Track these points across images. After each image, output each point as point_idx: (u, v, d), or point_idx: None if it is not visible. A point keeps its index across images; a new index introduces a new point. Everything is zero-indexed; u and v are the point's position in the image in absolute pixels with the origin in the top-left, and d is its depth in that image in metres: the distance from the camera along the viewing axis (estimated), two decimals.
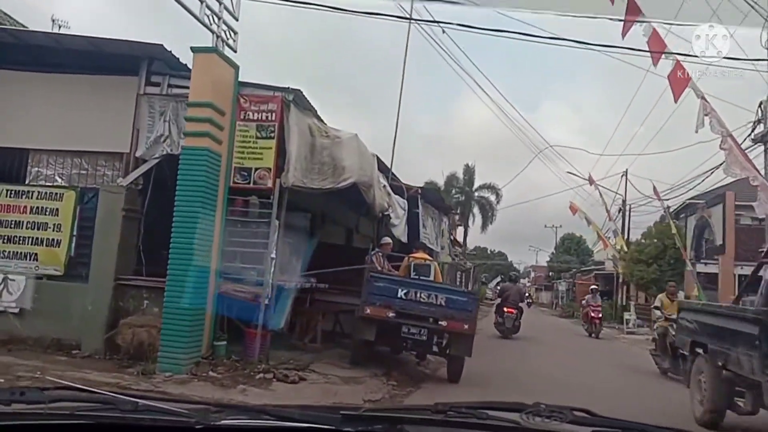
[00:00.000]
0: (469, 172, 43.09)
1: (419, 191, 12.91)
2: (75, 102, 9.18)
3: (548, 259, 64.99)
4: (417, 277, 9.61)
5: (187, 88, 8.54)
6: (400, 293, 8.49)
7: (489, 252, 73.94)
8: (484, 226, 43.56)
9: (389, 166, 12.03)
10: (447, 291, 8.73)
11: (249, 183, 8.53)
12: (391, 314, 8.38)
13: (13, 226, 8.93)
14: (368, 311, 8.42)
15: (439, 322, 8.40)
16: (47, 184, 9.13)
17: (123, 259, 8.65)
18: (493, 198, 43.36)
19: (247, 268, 8.68)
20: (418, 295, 8.47)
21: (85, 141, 9.10)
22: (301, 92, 8.72)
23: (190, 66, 8.38)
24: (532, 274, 76.79)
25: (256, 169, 8.51)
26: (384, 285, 8.60)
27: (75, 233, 8.81)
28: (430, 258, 11.16)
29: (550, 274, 61.61)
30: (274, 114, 8.59)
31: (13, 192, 9.00)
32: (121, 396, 1.72)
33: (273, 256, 8.46)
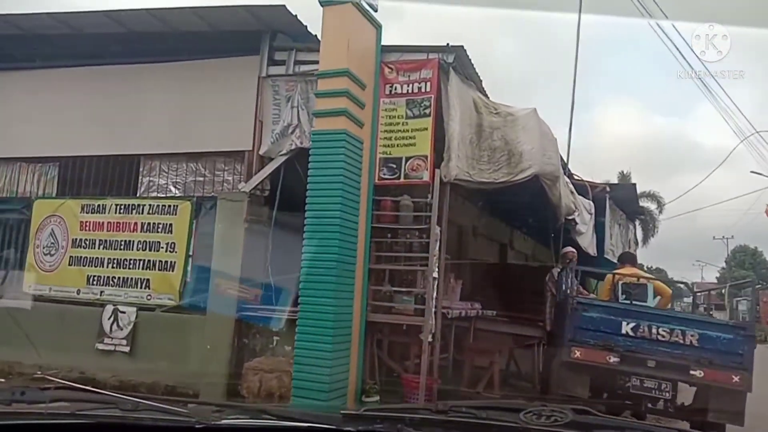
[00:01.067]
0: (624, 179, 38.33)
1: (607, 189, 10.05)
2: (186, 95, 7.63)
3: (717, 275, 57.01)
4: (629, 302, 6.80)
5: (317, 63, 6.62)
6: (626, 328, 5.79)
7: (645, 268, 66.64)
8: (645, 240, 38.37)
9: (565, 159, 9.35)
10: (702, 324, 5.85)
11: (398, 177, 6.34)
12: (613, 359, 5.70)
13: (123, 247, 7.47)
14: (578, 354, 5.81)
15: (691, 372, 5.56)
16: (160, 195, 7.61)
17: (250, 283, 6.82)
18: (654, 207, 38.13)
19: (400, 291, 6.48)
20: (655, 330, 5.71)
21: (201, 141, 7.48)
22: (464, 49, 6.43)
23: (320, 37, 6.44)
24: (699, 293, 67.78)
25: (408, 159, 6.31)
26: (599, 316, 5.94)
27: (191, 253, 7.14)
28: (649, 274, 8.25)
29: (723, 291, 53.73)
30: (428, 84, 6.38)
31: (122, 207, 7.57)
32: (122, 396, 1.70)
33: (435, 275, 6.16)
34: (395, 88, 6.46)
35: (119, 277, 7.42)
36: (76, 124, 8.21)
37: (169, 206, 7.34)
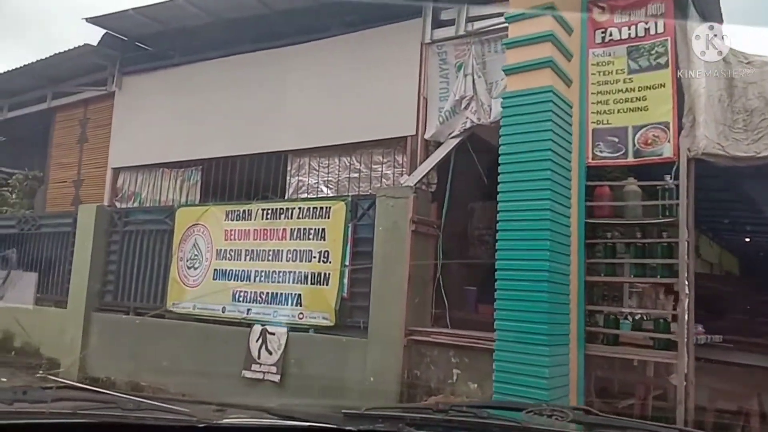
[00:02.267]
0: None
1: None
2: (336, 77, 6.49)
3: None
4: None
5: (496, 16, 5.12)
6: None
7: None
8: None
9: None
10: None
11: (625, 155, 4.61)
12: None
13: (271, 257, 6.42)
14: None
15: None
16: (310, 197, 6.49)
17: (418, 299, 5.43)
18: None
19: (632, 314, 4.73)
20: None
21: (355, 130, 6.27)
22: None
23: None
24: None
25: (639, 129, 4.56)
26: None
27: (347, 263, 5.90)
28: None
29: None
30: (660, 24, 4.61)
31: (269, 212, 6.53)
32: (123, 395, 1.74)
33: (687, 291, 4.33)
34: (610, 34, 4.76)
35: (267, 293, 6.37)
36: (217, 122, 7.42)
37: (321, 208, 6.17)
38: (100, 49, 8.37)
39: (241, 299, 6.56)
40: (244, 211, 6.78)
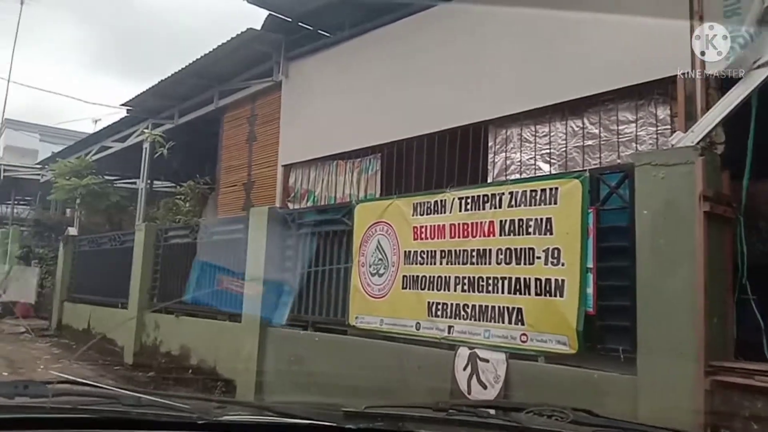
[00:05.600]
0: None
1: None
2: (548, 16, 4.80)
3: None
4: None
5: None
6: None
7: None
8: None
9: None
10: None
11: None
12: None
13: (475, 260, 4.92)
14: None
15: None
16: (524, 177, 4.89)
17: (717, 318, 3.57)
18: None
19: None
20: None
21: (583, 80, 4.56)
22: None
23: None
24: None
25: None
26: None
27: (589, 264, 4.19)
28: None
29: None
30: None
31: (469, 201, 5.04)
32: (124, 391, 1.80)
33: None
34: None
35: (473, 306, 4.86)
36: (395, 100, 6.15)
37: (544, 191, 4.52)
38: (263, 34, 7.55)
39: (439, 313, 5.13)
40: (436, 202, 5.35)
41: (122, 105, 11.05)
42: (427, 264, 5.33)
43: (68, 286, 12.45)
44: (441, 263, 5.20)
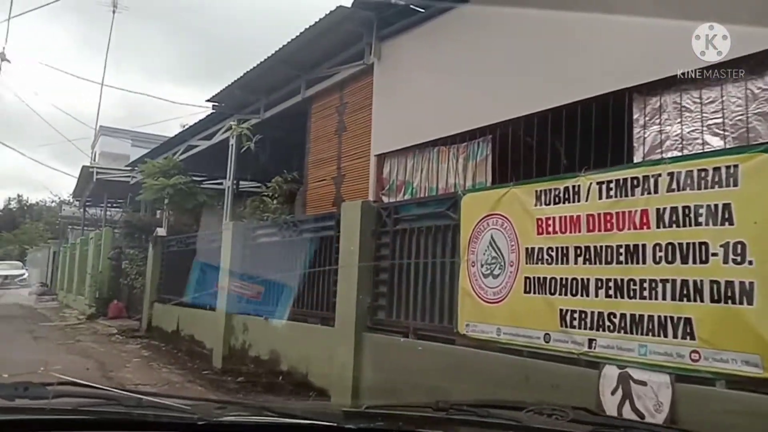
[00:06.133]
0: None
1: None
2: None
3: None
4: None
5: None
6: None
7: None
8: None
9: None
10: None
11: None
12: None
13: (623, 258, 4.01)
14: None
15: None
16: (688, 154, 3.93)
17: None
18: None
19: None
20: None
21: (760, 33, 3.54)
22: None
23: None
24: None
25: None
26: None
27: None
28: None
29: None
30: None
31: (611, 186, 4.13)
32: (124, 392, 1.75)
33: None
34: None
35: (623, 315, 3.95)
36: (505, 72, 5.30)
37: (717, 170, 3.56)
38: (354, 12, 6.91)
39: (576, 323, 4.26)
40: (566, 188, 4.47)
41: (208, 101, 10.82)
42: (556, 263, 4.46)
43: (157, 286, 12.40)
44: (575, 263, 4.31)
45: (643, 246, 3.89)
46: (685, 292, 3.63)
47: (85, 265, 18.29)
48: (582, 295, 4.22)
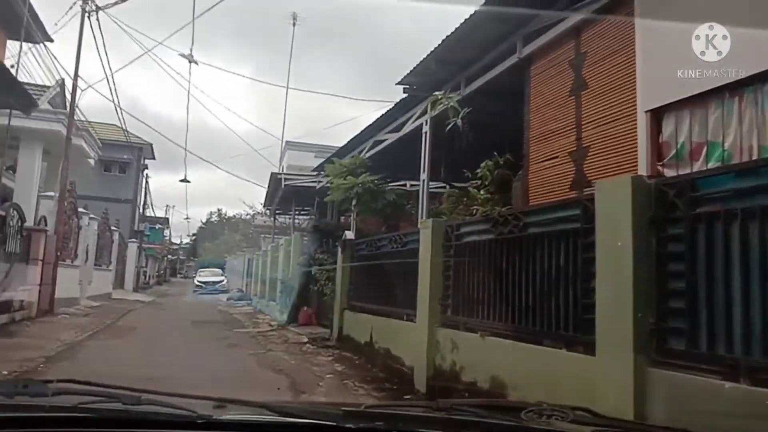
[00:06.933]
0: None
1: None
2: None
3: None
4: None
5: None
6: None
7: None
8: None
9: None
10: None
11: None
12: None
13: None
14: None
15: None
16: None
17: None
18: None
19: None
20: None
21: None
22: None
23: None
24: None
25: None
26: None
27: None
28: None
29: None
30: None
31: None
32: (124, 390, 1.68)
33: None
34: None
35: None
36: None
37: None
38: None
39: None
40: None
41: (398, 83, 9.51)
42: None
43: (348, 293, 11.45)
44: None
45: None
46: None
47: (276, 272, 18.38)
48: None
